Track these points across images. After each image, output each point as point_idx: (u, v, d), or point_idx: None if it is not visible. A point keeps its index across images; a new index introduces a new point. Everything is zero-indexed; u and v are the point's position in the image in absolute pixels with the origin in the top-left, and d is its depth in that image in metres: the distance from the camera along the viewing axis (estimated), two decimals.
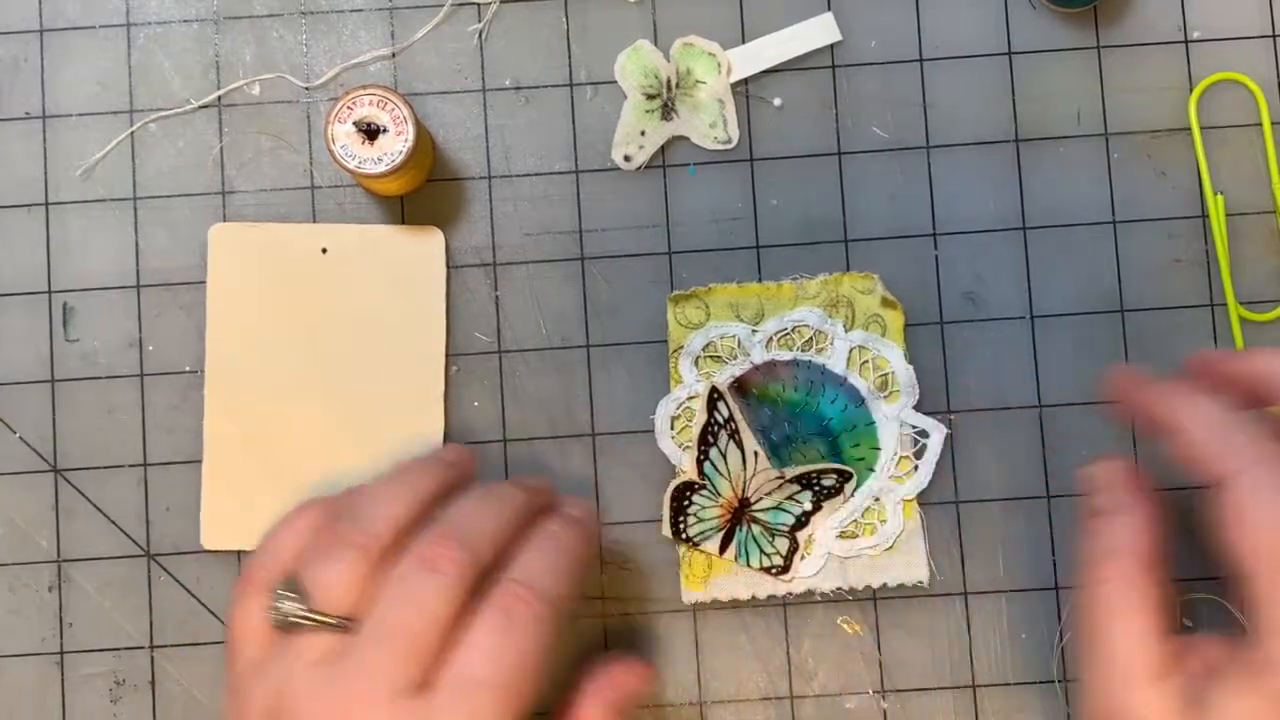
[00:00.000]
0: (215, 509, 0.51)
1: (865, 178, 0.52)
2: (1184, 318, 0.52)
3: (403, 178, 0.49)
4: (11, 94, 0.53)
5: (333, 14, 0.53)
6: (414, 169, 0.49)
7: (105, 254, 0.52)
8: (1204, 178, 0.52)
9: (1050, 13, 0.53)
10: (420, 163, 0.50)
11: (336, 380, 0.51)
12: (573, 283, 0.52)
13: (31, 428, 0.52)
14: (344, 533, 0.39)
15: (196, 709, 0.51)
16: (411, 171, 0.49)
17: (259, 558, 0.40)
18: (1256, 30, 0.53)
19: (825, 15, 0.52)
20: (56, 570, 0.51)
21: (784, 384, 0.51)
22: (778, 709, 0.51)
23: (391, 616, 0.37)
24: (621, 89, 0.52)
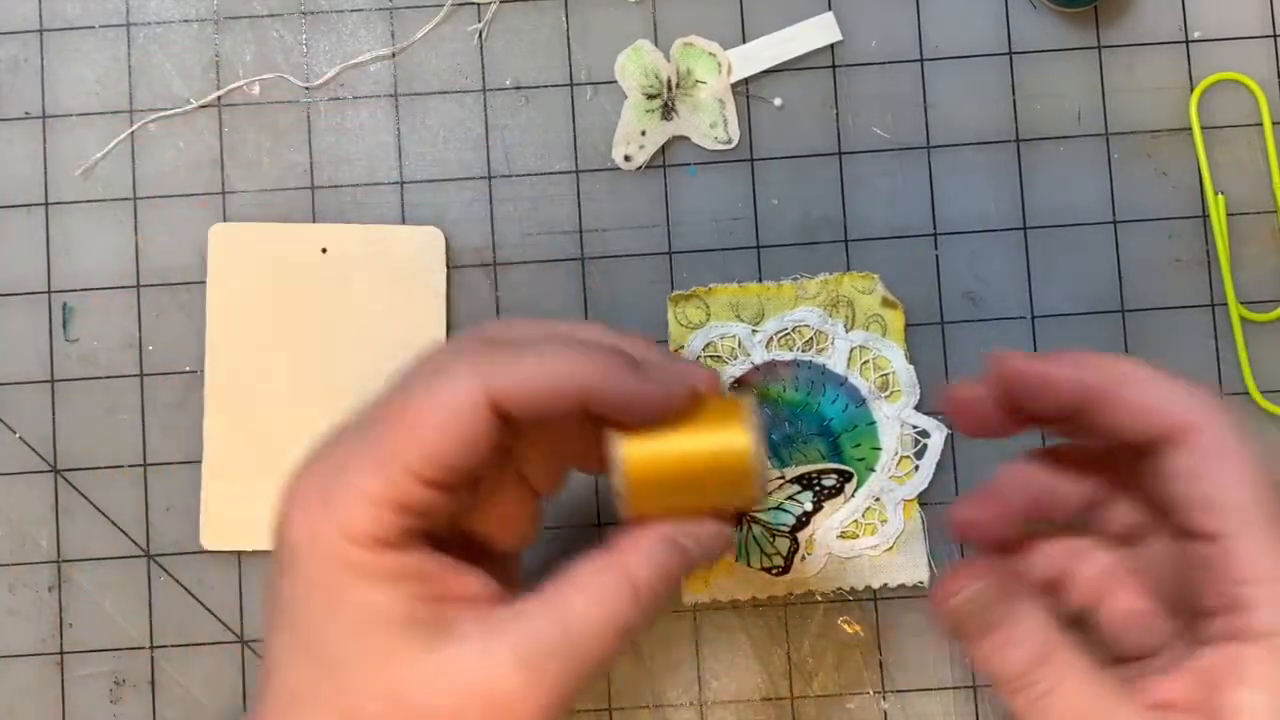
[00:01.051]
0: (215, 509, 0.51)
1: (865, 178, 0.52)
2: (1184, 318, 0.52)
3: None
4: (11, 94, 0.53)
5: (333, 14, 0.53)
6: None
7: (105, 254, 0.52)
8: (1204, 178, 0.52)
9: (1050, 13, 0.53)
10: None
11: (336, 380, 0.51)
12: (573, 283, 0.52)
13: (31, 428, 0.52)
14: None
15: (196, 709, 0.51)
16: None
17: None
18: (1256, 30, 0.53)
19: (825, 15, 0.52)
20: (56, 570, 0.51)
21: (784, 384, 0.51)
22: (778, 709, 0.51)
23: None
24: (621, 89, 0.52)
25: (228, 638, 0.51)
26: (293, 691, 0.35)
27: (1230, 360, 0.51)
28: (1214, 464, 0.34)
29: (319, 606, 0.34)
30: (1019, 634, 0.35)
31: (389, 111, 0.53)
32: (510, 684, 0.33)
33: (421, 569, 0.35)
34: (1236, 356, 0.51)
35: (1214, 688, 0.33)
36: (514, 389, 0.35)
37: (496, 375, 0.35)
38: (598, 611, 0.35)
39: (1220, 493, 0.34)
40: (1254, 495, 0.33)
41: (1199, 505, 0.34)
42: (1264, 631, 0.33)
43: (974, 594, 0.36)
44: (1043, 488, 0.39)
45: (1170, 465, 0.34)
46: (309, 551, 0.35)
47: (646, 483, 0.36)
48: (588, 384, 0.35)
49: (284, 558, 0.35)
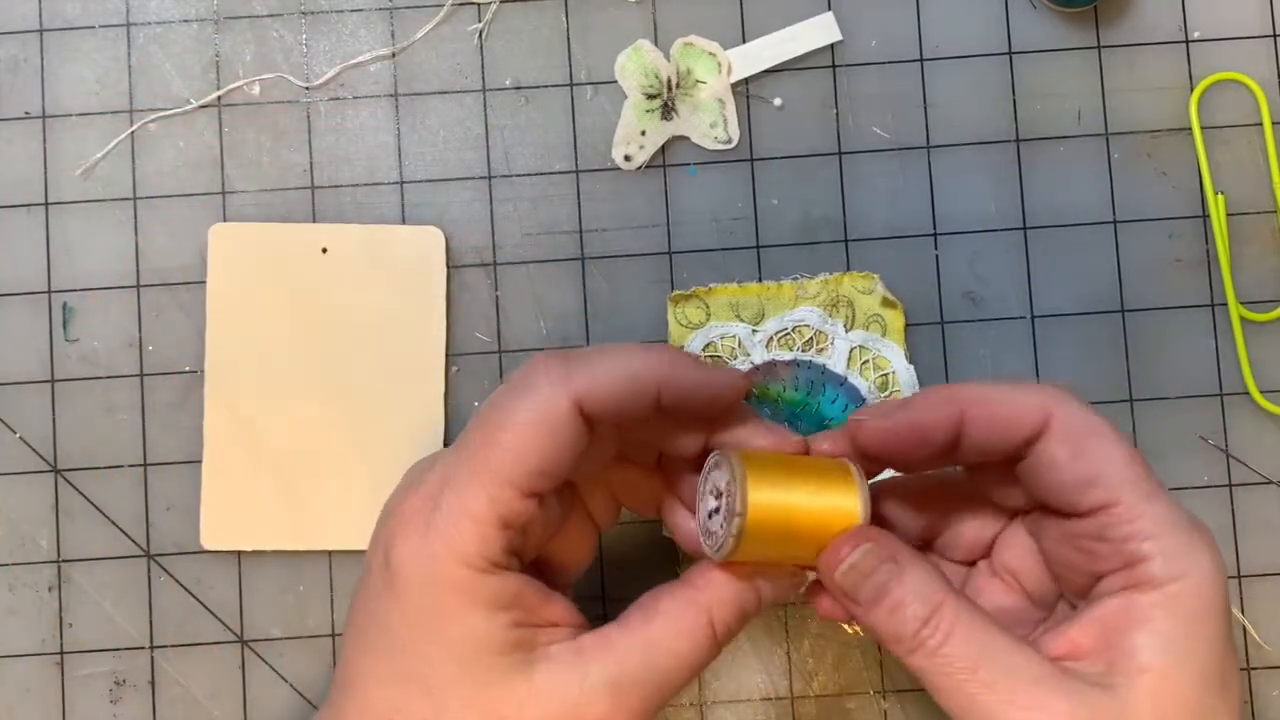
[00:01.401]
0: (215, 509, 0.51)
1: (865, 178, 0.52)
2: (1184, 318, 0.52)
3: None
4: (11, 94, 0.53)
5: (333, 14, 0.53)
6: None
7: (105, 254, 0.52)
8: (1204, 177, 0.52)
9: (1050, 13, 0.53)
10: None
11: (336, 380, 0.51)
12: (573, 283, 0.52)
13: (31, 428, 0.52)
14: None
15: (196, 709, 0.51)
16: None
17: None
18: (1256, 30, 0.53)
19: (825, 15, 0.52)
20: (56, 570, 0.51)
21: (784, 384, 0.51)
22: (778, 709, 0.51)
23: None
24: (621, 89, 0.52)
25: (228, 638, 0.51)
26: (384, 709, 0.37)
27: (1230, 360, 0.51)
28: (1082, 445, 0.36)
29: (421, 629, 0.36)
30: (907, 594, 0.37)
31: (389, 111, 0.53)
32: (598, 710, 0.36)
33: (520, 594, 0.37)
34: (1236, 356, 0.51)
35: (1114, 631, 0.36)
36: (594, 388, 0.37)
37: (576, 379, 0.37)
38: (678, 645, 0.37)
39: (1096, 469, 0.36)
40: (1124, 463, 0.36)
41: (1080, 485, 0.36)
42: (1158, 580, 0.35)
43: (857, 559, 0.37)
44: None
45: (1043, 457, 0.37)
46: (417, 574, 0.36)
47: (757, 534, 0.37)
48: (659, 374, 0.38)
49: (387, 579, 0.37)
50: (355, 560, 0.51)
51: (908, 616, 0.36)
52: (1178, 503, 0.37)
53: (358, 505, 0.51)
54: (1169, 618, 0.35)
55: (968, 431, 0.38)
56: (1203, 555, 0.36)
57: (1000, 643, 0.36)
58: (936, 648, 0.36)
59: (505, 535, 0.37)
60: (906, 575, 0.37)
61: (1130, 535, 0.36)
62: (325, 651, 0.51)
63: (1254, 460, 0.51)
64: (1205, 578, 0.36)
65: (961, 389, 0.38)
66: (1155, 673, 0.35)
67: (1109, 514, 0.36)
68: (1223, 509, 0.51)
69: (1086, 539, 0.37)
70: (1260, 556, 0.51)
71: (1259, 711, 0.51)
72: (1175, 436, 0.51)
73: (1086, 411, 0.37)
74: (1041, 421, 0.37)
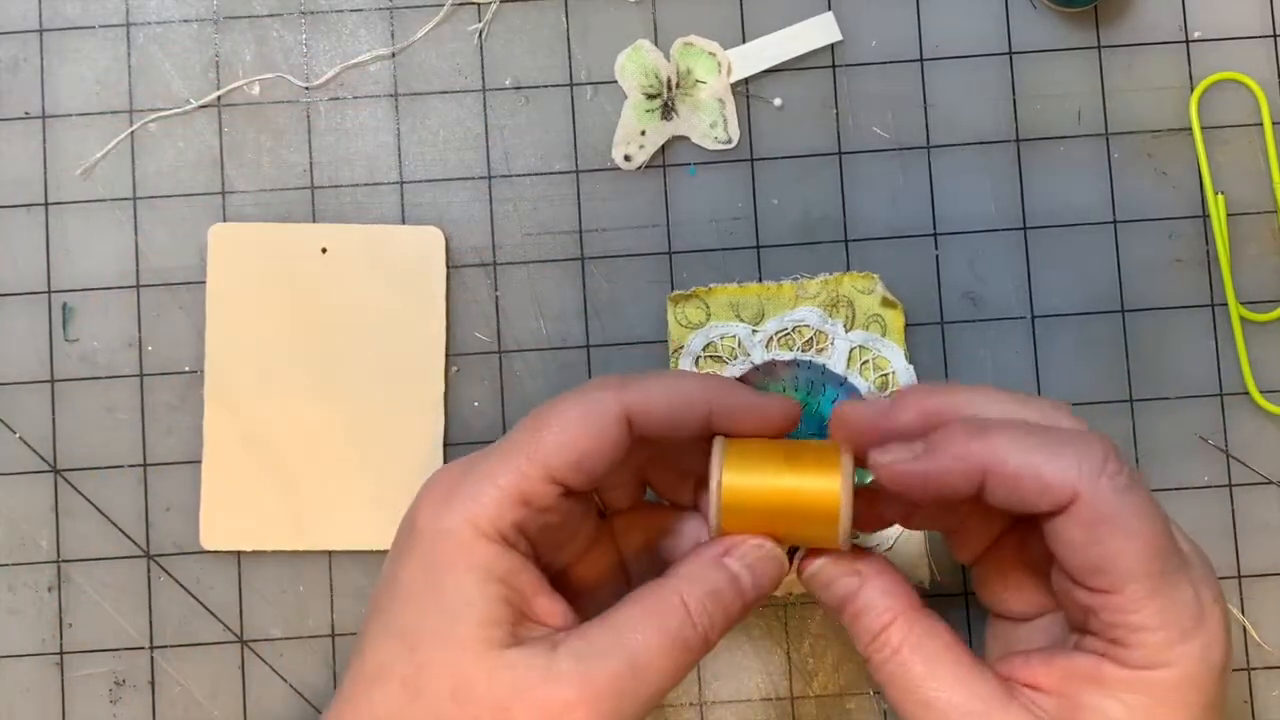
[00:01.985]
0: (215, 509, 0.51)
1: (865, 178, 0.52)
2: (1184, 318, 0.52)
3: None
4: (11, 94, 0.53)
5: (333, 14, 0.53)
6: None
7: (105, 254, 0.52)
8: (1204, 177, 0.52)
9: (1050, 13, 0.53)
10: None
11: (336, 380, 0.51)
12: (573, 283, 0.52)
13: (31, 428, 0.52)
14: None
15: (196, 709, 0.51)
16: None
17: None
18: (1256, 30, 0.53)
19: (825, 15, 0.52)
20: (56, 570, 0.51)
21: (784, 384, 0.51)
22: (778, 709, 0.51)
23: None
24: (621, 89, 0.52)
25: (228, 638, 0.51)
26: (375, 667, 0.38)
27: (1230, 360, 0.51)
28: (1098, 533, 0.35)
29: (419, 587, 0.37)
30: (863, 607, 0.39)
31: (389, 111, 0.53)
32: (565, 693, 0.36)
33: (514, 572, 0.38)
34: (1236, 356, 0.51)
35: (1077, 685, 0.36)
36: (647, 402, 0.39)
37: (630, 391, 0.39)
38: (648, 625, 0.38)
39: (1107, 562, 0.35)
40: (1137, 557, 0.35)
41: (1089, 570, 0.36)
42: (1134, 664, 0.36)
43: (816, 570, 0.40)
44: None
45: (1060, 534, 0.36)
46: (429, 535, 0.38)
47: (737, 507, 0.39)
48: (711, 397, 0.39)
49: (407, 540, 0.39)
50: (355, 560, 0.51)
51: (861, 629, 0.39)
52: (1197, 588, 0.36)
53: (358, 505, 0.51)
54: (1135, 697, 0.35)
55: (988, 490, 0.37)
56: (1194, 650, 0.35)
57: (947, 666, 0.37)
58: (882, 663, 0.38)
59: (521, 511, 0.38)
60: (866, 588, 0.39)
61: (1123, 624, 0.36)
62: (325, 651, 0.51)
63: (1254, 460, 0.51)
64: (1190, 673, 0.35)
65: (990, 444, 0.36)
66: None
67: (1107, 599, 0.36)
68: (1223, 509, 0.51)
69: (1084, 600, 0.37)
70: (1260, 556, 0.51)
71: (1259, 711, 0.51)
72: (1175, 436, 0.51)
73: (1116, 493, 0.35)
74: (1067, 500, 0.35)
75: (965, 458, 0.36)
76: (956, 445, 0.37)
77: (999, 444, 0.36)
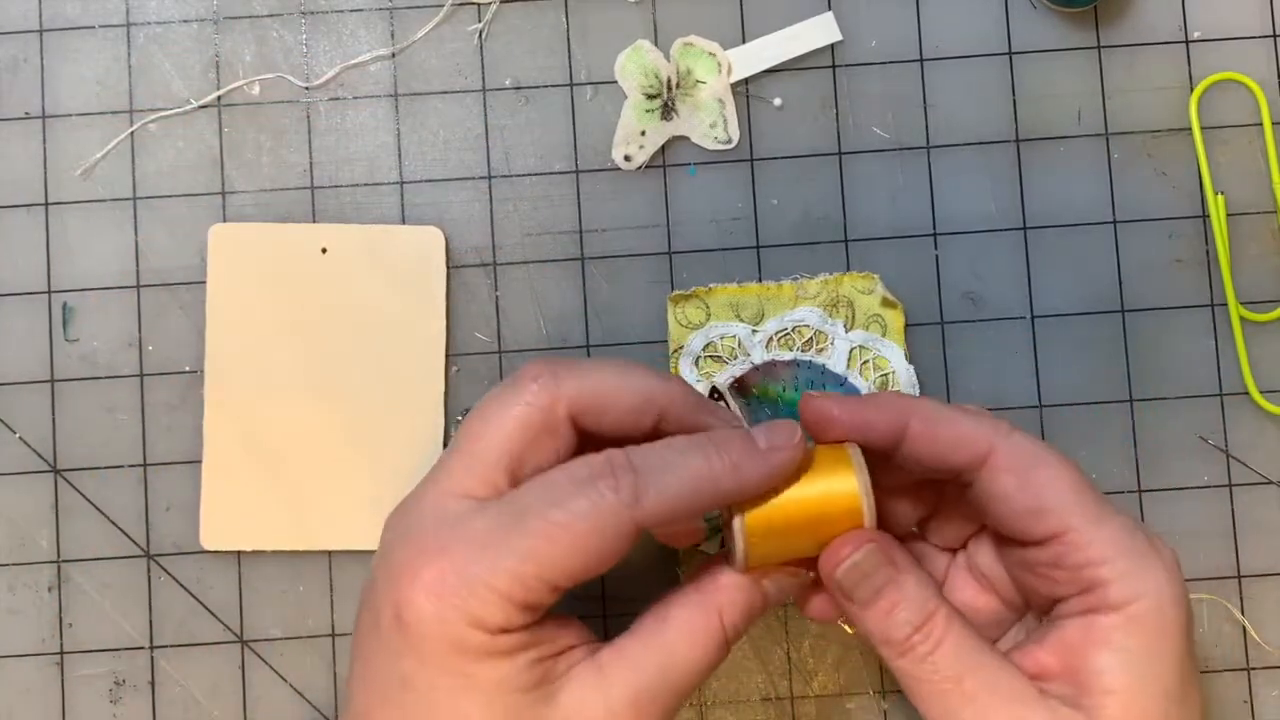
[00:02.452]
0: (215, 509, 0.51)
1: (865, 178, 0.52)
2: (1184, 318, 0.52)
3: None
4: (11, 94, 0.53)
5: (333, 14, 0.53)
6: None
7: (105, 254, 0.52)
8: (1204, 178, 0.52)
9: (1050, 13, 0.53)
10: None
11: (336, 380, 0.51)
12: (573, 283, 0.52)
13: (31, 428, 0.52)
14: None
15: (196, 709, 0.51)
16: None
17: None
18: (1256, 30, 0.53)
19: (825, 15, 0.52)
20: (56, 570, 0.51)
21: (784, 384, 0.51)
22: (778, 709, 0.51)
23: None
24: (621, 89, 0.52)
25: (228, 638, 0.51)
26: None
27: (1230, 360, 0.51)
28: (1028, 476, 0.37)
29: (446, 684, 0.36)
30: (902, 599, 0.38)
31: (389, 111, 0.53)
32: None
33: (536, 636, 0.37)
34: (1236, 356, 0.51)
35: (1078, 654, 0.37)
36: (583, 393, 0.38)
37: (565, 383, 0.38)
38: (692, 651, 0.38)
39: (1043, 499, 0.37)
40: (1071, 490, 0.37)
41: (1029, 515, 0.37)
42: (1115, 603, 0.36)
43: (860, 559, 0.38)
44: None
45: (991, 489, 0.38)
46: (437, 636, 0.36)
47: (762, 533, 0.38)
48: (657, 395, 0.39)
49: (402, 636, 0.37)
50: (355, 560, 0.51)
51: (900, 621, 0.37)
52: (1132, 521, 0.38)
53: (358, 505, 0.51)
54: (1129, 638, 0.36)
55: (908, 443, 0.39)
56: (1159, 574, 0.37)
57: (986, 658, 0.37)
58: (926, 654, 0.37)
59: (531, 615, 0.37)
60: (903, 581, 0.38)
61: (1085, 562, 0.37)
62: (325, 651, 0.51)
63: (1254, 460, 0.51)
64: (1163, 596, 0.36)
65: (915, 402, 0.39)
66: (1121, 693, 0.36)
67: (1061, 542, 0.37)
68: (1223, 509, 0.51)
69: (1043, 566, 0.38)
70: (1260, 556, 0.51)
71: (1259, 712, 0.51)
72: (1175, 436, 0.51)
73: (1031, 442, 0.38)
74: (984, 451, 0.38)
75: (891, 410, 0.39)
76: (886, 400, 0.39)
77: (922, 404, 0.39)
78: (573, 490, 0.36)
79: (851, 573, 0.38)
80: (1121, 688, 0.36)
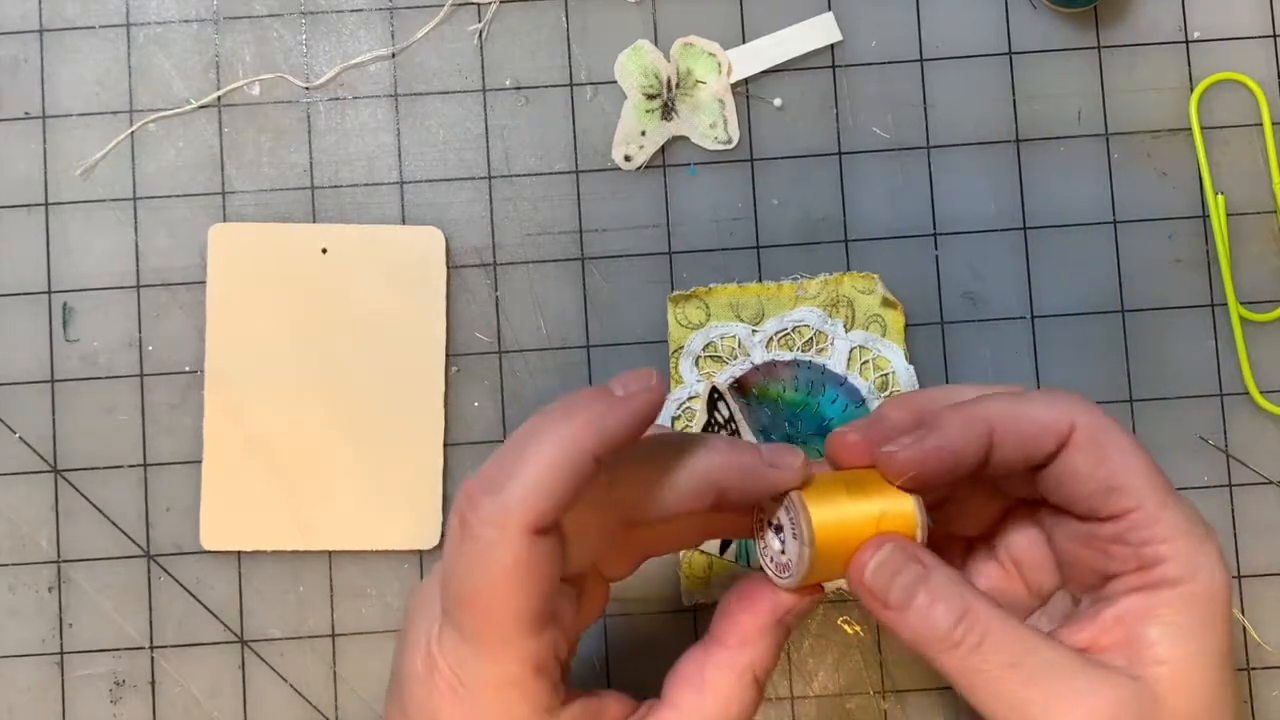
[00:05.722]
0: (215, 509, 0.51)
1: (865, 178, 0.52)
2: (1184, 318, 0.52)
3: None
4: (11, 94, 0.53)
5: (333, 14, 0.53)
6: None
7: (105, 254, 0.52)
8: (1204, 178, 0.52)
9: (1050, 13, 0.53)
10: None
11: (336, 380, 0.51)
12: (573, 283, 0.52)
13: (31, 428, 0.52)
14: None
15: (196, 709, 0.51)
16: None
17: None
18: (1256, 30, 0.53)
19: (825, 15, 0.52)
20: (56, 570, 0.51)
21: (784, 384, 0.51)
22: (778, 709, 0.51)
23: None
24: (621, 89, 0.52)
25: (228, 638, 0.51)
26: None
27: (1230, 360, 0.51)
28: (1105, 454, 0.37)
29: None
30: (938, 594, 0.37)
31: (389, 111, 0.53)
32: None
33: (584, 712, 0.37)
34: (1236, 356, 0.51)
35: (1132, 627, 0.37)
36: (541, 501, 0.35)
37: (515, 506, 0.34)
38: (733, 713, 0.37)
39: (1118, 478, 0.37)
40: (1143, 471, 0.37)
41: (1103, 493, 0.37)
42: (1173, 580, 0.37)
43: (884, 556, 0.37)
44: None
45: (1067, 466, 0.37)
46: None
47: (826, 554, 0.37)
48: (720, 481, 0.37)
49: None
50: (355, 560, 0.51)
51: (940, 615, 0.36)
52: (1188, 502, 0.38)
53: (358, 505, 0.51)
54: (1183, 614, 0.36)
55: (997, 450, 0.38)
56: (1212, 554, 0.37)
57: (1035, 639, 0.36)
58: (975, 645, 0.36)
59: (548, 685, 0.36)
60: (933, 576, 0.37)
61: (1148, 540, 0.37)
62: (325, 651, 0.51)
63: (1254, 460, 0.51)
64: (1214, 576, 0.37)
65: (986, 407, 0.38)
66: (1174, 664, 0.36)
67: (1129, 520, 0.37)
68: (1223, 509, 0.51)
69: (1103, 541, 0.38)
70: (1260, 556, 0.51)
71: (1259, 711, 0.51)
72: (1175, 436, 0.51)
73: (1105, 419, 0.38)
74: (1066, 432, 0.37)
75: (971, 423, 0.38)
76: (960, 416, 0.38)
77: (995, 405, 0.38)
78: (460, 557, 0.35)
79: (880, 572, 0.37)
80: (1175, 658, 0.36)
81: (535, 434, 0.35)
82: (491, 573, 0.34)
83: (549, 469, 0.34)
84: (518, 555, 0.34)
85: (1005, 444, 0.38)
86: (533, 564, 0.34)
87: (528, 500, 0.34)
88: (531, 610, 0.34)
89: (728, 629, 0.38)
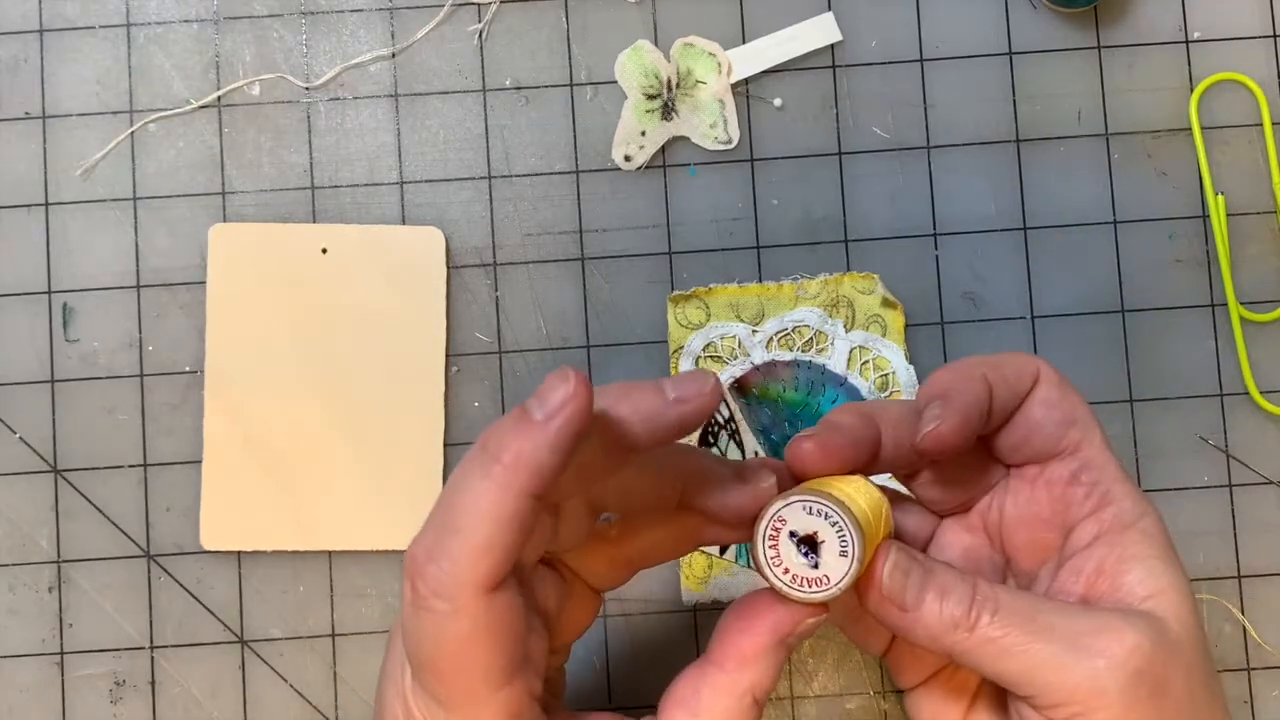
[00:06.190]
0: (215, 509, 0.51)
1: (865, 178, 0.52)
2: (1184, 318, 0.52)
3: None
4: (11, 94, 0.53)
5: (333, 14, 0.53)
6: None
7: (105, 254, 0.52)
8: (1204, 178, 0.52)
9: (1050, 13, 0.53)
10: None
11: (336, 380, 0.51)
12: (573, 283, 0.52)
13: (31, 428, 0.52)
14: None
15: (196, 709, 0.51)
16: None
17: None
18: (1256, 30, 0.53)
19: (825, 15, 0.52)
20: (56, 570, 0.51)
21: (784, 384, 0.51)
22: (778, 709, 0.51)
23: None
24: (621, 89, 0.52)
25: (228, 638, 0.51)
26: None
27: (1230, 360, 0.51)
28: (1064, 388, 0.40)
29: None
30: (946, 588, 0.37)
31: (389, 111, 0.53)
32: None
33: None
34: (1236, 356, 0.51)
35: (1111, 576, 0.38)
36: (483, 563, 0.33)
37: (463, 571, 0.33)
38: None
39: (1077, 411, 0.40)
40: (1089, 414, 0.40)
41: (1065, 423, 0.39)
42: (1129, 521, 0.39)
43: (896, 557, 0.37)
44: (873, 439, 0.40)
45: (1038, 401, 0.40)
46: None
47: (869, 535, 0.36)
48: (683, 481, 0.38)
49: None
50: (355, 560, 0.51)
51: (955, 602, 0.37)
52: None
53: (358, 505, 0.51)
54: (1150, 550, 0.38)
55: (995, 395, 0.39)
56: (1143, 495, 0.40)
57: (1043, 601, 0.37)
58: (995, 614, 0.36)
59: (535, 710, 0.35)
60: (935, 567, 0.38)
61: (1099, 479, 0.39)
62: (325, 652, 0.51)
63: (1254, 460, 0.51)
64: (1156, 511, 0.39)
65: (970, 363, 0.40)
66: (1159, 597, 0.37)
67: (1081, 456, 0.39)
68: (1223, 509, 0.51)
69: (1061, 485, 0.40)
70: (1260, 556, 0.51)
71: (1259, 711, 0.51)
72: (1175, 436, 0.51)
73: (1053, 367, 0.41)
74: (1036, 373, 0.40)
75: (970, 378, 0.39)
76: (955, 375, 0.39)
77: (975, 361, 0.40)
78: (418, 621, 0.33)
79: (896, 575, 0.37)
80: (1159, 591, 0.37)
81: (465, 487, 0.32)
82: (450, 644, 0.32)
83: (487, 523, 0.32)
84: (475, 620, 0.32)
85: (999, 386, 0.39)
86: (491, 624, 0.32)
87: (472, 562, 0.32)
88: (498, 667, 0.33)
89: (726, 651, 0.37)
